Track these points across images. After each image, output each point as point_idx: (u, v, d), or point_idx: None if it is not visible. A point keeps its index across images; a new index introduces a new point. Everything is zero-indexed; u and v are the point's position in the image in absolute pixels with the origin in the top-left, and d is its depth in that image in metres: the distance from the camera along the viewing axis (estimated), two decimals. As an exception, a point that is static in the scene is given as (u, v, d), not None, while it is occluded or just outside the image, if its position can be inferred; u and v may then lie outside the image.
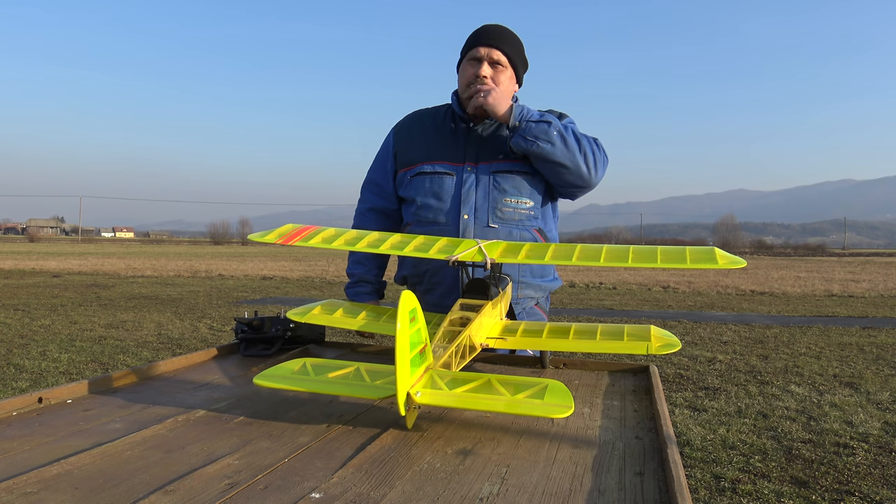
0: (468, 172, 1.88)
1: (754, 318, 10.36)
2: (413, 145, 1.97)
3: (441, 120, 1.98)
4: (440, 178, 1.90)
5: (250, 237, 1.57)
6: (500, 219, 1.86)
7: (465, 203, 1.86)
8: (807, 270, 24.58)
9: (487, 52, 1.87)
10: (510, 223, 1.87)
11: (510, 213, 1.87)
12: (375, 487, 0.82)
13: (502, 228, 1.86)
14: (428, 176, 1.91)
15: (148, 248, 56.62)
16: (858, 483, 3.34)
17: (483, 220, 1.85)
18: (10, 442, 0.96)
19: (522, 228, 1.88)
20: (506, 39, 1.90)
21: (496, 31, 1.91)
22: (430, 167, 1.91)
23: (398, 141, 2.02)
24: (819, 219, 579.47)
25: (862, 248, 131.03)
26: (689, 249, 1.30)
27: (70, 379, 5.47)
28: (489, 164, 1.88)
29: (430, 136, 1.96)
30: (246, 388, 1.31)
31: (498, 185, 1.87)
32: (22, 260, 26.65)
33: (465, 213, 1.86)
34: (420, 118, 2.03)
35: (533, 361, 1.59)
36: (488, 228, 1.85)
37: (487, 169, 1.88)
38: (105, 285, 15.03)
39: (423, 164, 1.92)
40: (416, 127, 2.01)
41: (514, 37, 1.93)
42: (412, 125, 2.02)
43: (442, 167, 1.90)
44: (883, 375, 5.99)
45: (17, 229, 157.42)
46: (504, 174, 1.87)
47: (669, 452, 0.91)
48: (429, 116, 2.02)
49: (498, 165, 1.88)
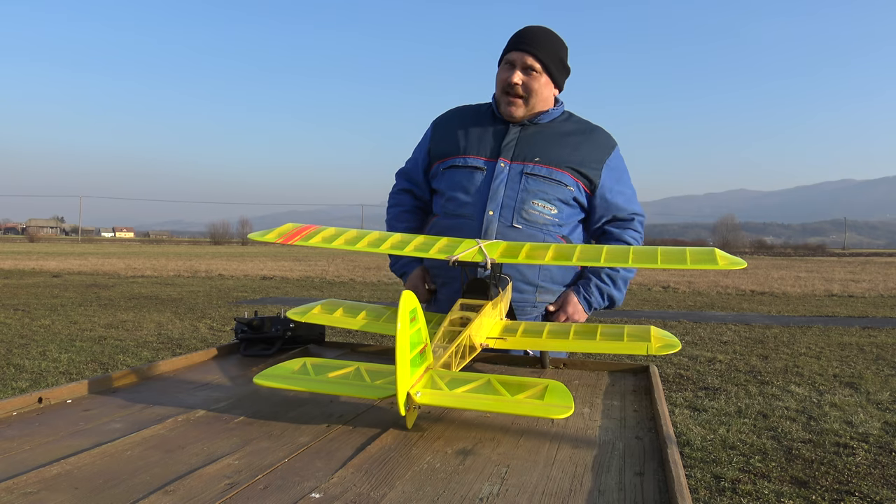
0: (500, 169, 1.86)
1: (754, 318, 10.36)
2: (449, 139, 1.96)
3: (481, 116, 1.98)
4: (471, 172, 1.88)
5: (250, 236, 1.57)
6: (526, 220, 1.83)
7: (492, 199, 1.84)
8: (807, 270, 24.58)
9: (520, 57, 1.85)
10: (534, 226, 1.84)
11: (536, 216, 1.84)
12: (375, 487, 0.82)
13: (525, 229, 1.83)
14: (459, 169, 1.90)
15: (148, 248, 56.63)
16: (858, 483, 3.34)
17: (508, 218, 1.83)
18: (10, 442, 0.96)
19: (546, 233, 1.85)
20: (542, 44, 1.86)
21: (533, 35, 1.88)
22: (463, 161, 1.90)
23: (435, 134, 2.02)
24: (819, 219, 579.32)
25: (862, 248, 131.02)
26: (690, 250, 1.30)
27: (70, 379, 5.47)
28: (523, 164, 1.86)
29: (467, 130, 1.95)
30: (246, 388, 1.31)
31: (528, 186, 1.84)
32: (22, 260, 26.65)
33: (491, 209, 1.83)
34: (460, 113, 2.03)
35: (533, 361, 1.59)
36: (512, 228, 1.82)
37: (521, 169, 1.85)
38: (105, 285, 15.03)
39: (457, 158, 1.92)
40: (455, 121, 2.00)
41: (552, 42, 1.89)
42: (451, 119, 2.02)
43: (474, 161, 1.89)
44: (883, 375, 5.99)
45: (17, 229, 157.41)
46: (536, 178, 1.85)
47: (669, 452, 0.91)
48: (469, 112, 2.01)
49: (532, 168, 1.85)
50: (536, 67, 1.86)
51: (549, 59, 1.88)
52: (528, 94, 1.87)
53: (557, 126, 1.93)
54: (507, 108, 1.89)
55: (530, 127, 1.91)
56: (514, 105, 1.88)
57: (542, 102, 1.91)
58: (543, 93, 1.89)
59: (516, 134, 1.90)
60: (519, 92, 1.86)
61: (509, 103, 1.88)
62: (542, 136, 1.90)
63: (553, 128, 1.92)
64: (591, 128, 1.96)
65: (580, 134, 1.93)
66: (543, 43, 1.87)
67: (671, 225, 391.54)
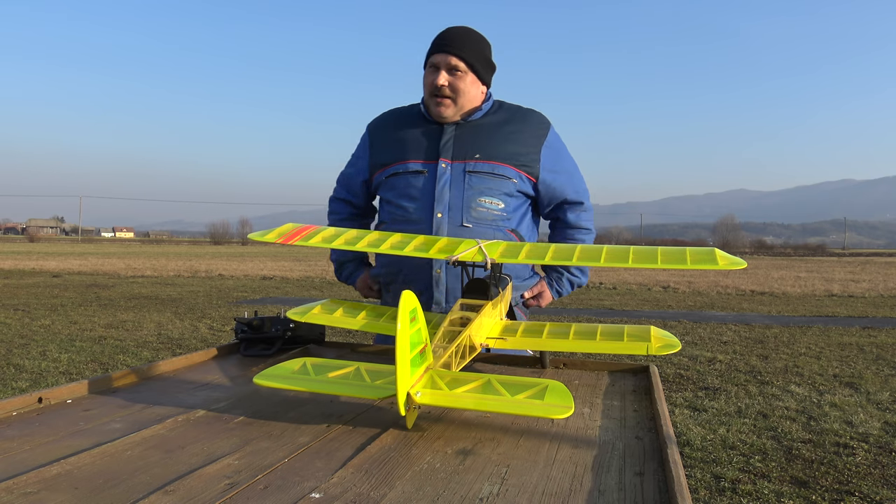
0: (442, 170, 1.87)
1: (754, 318, 10.36)
2: (387, 146, 1.97)
3: (414, 120, 1.98)
4: (415, 177, 1.90)
5: (250, 236, 1.57)
6: (475, 218, 1.85)
7: (438, 201, 1.85)
8: (807, 270, 24.58)
9: (444, 59, 1.88)
10: (483, 223, 1.86)
11: (484, 213, 1.86)
12: (375, 487, 0.82)
13: (475, 228, 1.85)
14: (402, 175, 1.91)
15: (148, 248, 56.63)
16: (858, 483, 3.34)
17: (457, 219, 1.85)
18: (10, 442, 0.96)
19: (496, 229, 1.88)
20: (464, 45, 1.89)
21: (455, 36, 1.90)
22: (404, 167, 1.91)
23: (373, 143, 2.02)
24: (819, 219, 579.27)
25: (862, 248, 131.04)
26: (690, 250, 1.30)
27: (70, 379, 5.47)
28: (464, 162, 1.88)
29: (403, 135, 1.96)
30: (246, 388, 1.31)
31: (472, 184, 1.86)
32: (22, 260, 26.65)
33: (439, 211, 1.85)
34: (394, 117, 2.03)
35: (533, 361, 1.59)
36: (462, 228, 1.84)
37: (462, 167, 1.87)
38: (105, 285, 15.03)
39: (397, 164, 1.93)
40: (391, 127, 2.01)
41: (474, 40, 1.92)
42: (387, 125, 2.03)
43: (415, 166, 1.90)
44: (883, 375, 5.99)
45: (17, 229, 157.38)
46: (479, 174, 1.87)
47: (669, 452, 0.90)
48: (402, 116, 2.02)
49: (473, 165, 1.87)
50: (461, 67, 1.88)
51: (474, 58, 1.90)
52: (456, 95, 1.89)
53: (490, 119, 1.95)
54: (436, 110, 1.90)
55: (465, 125, 1.93)
56: (444, 106, 1.89)
57: (471, 101, 1.93)
58: (471, 92, 1.91)
59: (452, 133, 1.92)
60: (446, 93, 1.88)
61: (438, 104, 1.89)
62: (477, 132, 1.92)
63: (487, 122, 1.94)
64: (524, 112, 1.99)
65: (514, 122, 1.95)
66: (466, 43, 1.89)
67: (671, 225, 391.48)
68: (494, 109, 1.98)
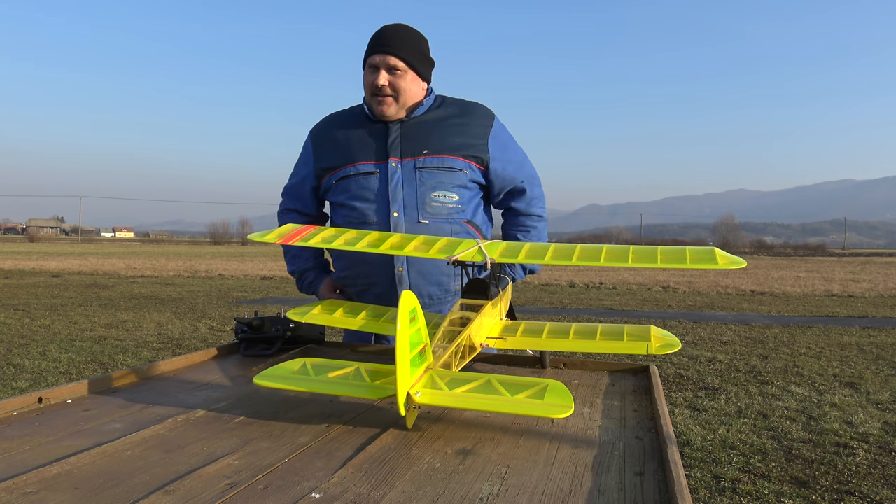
0: (393, 169, 1.88)
1: (754, 318, 10.36)
2: (333, 149, 1.97)
3: (358, 121, 1.98)
4: (366, 178, 1.89)
5: (250, 237, 1.57)
6: (430, 213, 1.87)
7: (393, 200, 1.86)
8: (807, 270, 24.58)
9: (383, 59, 1.88)
10: (439, 218, 1.87)
11: (438, 208, 1.87)
12: (375, 487, 0.82)
13: (432, 223, 1.86)
14: (353, 178, 1.91)
15: (148, 248, 56.63)
16: (858, 483, 3.34)
17: (413, 216, 1.86)
18: (10, 442, 0.96)
19: (452, 222, 1.89)
20: (401, 44, 1.89)
21: (391, 36, 1.90)
22: (354, 169, 1.91)
23: (317, 146, 2.01)
24: (819, 219, 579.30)
25: (862, 248, 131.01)
26: (689, 250, 1.30)
27: (70, 379, 5.47)
28: (413, 159, 1.88)
29: (349, 137, 1.95)
30: (246, 388, 1.31)
31: (424, 180, 1.87)
32: (22, 260, 26.65)
33: (395, 210, 1.85)
34: (337, 121, 2.02)
35: (533, 361, 1.59)
36: (419, 224, 1.85)
37: (412, 164, 1.88)
38: (105, 285, 15.03)
39: (347, 167, 1.92)
40: (335, 130, 2.00)
41: (411, 38, 1.92)
42: (330, 128, 2.01)
43: (366, 167, 1.90)
44: (883, 375, 5.99)
45: (17, 229, 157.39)
46: (429, 169, 1.88)
47: (669, 452, 0.90)
48: (345, 118, 2.01)
49: (422, 161, 1.88)
50: (400, 66, 1.88)
51: (412, 56, 1.90)
52: (397, 93, 1.89)
53: (434, 113, 1.95)
54: (378, 108, 1.90)
55: (409, 122, 1.93)
56: (385, 104, 1.89)
57: (412, 98, 1.93)
58: (412, 89, 1.92)
59: (398, 131, 1.92)
60: (387, 92, 1.88)
61: (380, 103, 1.90)
62: (423, 128, 1.92)
63: (431, 117, 1.95)
64: (467, 106, 2.00)
65: (459, 116, 1.96)
66: (403, 41, 1.90)
67: (671, 225, 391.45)
68: (437, 104, 1.98)
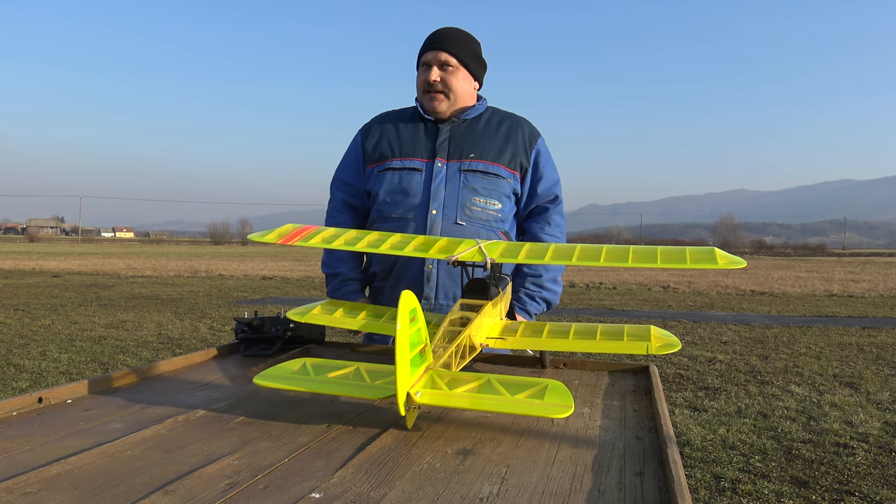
0: (438, 168, 1.89)
1: (754, 318, 10.36)
2: (382, 143, 1.98)
3: (409, 119, 2.00)
4: (409, 174, 1.90)
5: (250, 237, 1.57)
6: (469, 217, 1.87)
7: (434, 199, 1.87)
8: (807, 270, 24.58)
9: (435, 55, 1.91)
10: (478, 222, 1.88)
11: (478, 213, 1.88)
12: (375, 487, 0.82)
13: (469, 227, 1.87)
14: (397, 171, 1.92)
15: (148, 248, 56.62)
16: (858, 483, 3.34)
17: (451, 216, 1.86)
18: (10, 442, 0.96)
19: (489, 229, 1.90)
20: (454, 42, 1.91)
21: (444, 34, 1.93)
22: (399, 163, 1.92)
23: (366, 138, 2.02)
24: (819, 219, 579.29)
25: (862, 248, 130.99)
26: (689, 249, 1.30)
27: (70, 379, 5.47)
28: (460, 161, 1.90)
29: (399, 132, 1.97)
30: (246, 388, 1.31)
31: (468, 183, 1.88)
32: (22, 260, 26.64)
33: (434, 208, 1.86)
34: (388, 118, 2.04)
35: (533, 361, 1.59)
36: (456, 226, 1.86)
37: (458, 167, 1.89)
38: (105, 285, 15.03)
39: (393, 160, 1.93)
40: (385, 126, 2.02)
41: (464, 38, 1.95)
42: (381, 124, 2.03)
43: (412, 163, 1.91)
44: (883, 375, 5.99)
45: (17, 229, 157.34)
46: (475, 174, 1.89)
47: (669, 452, 0.90)
48: (397, 116, 2.03)
49: (469, 164, 1.89)
50: (452, 63, 1.91)
51: (464, 54, 1.92)
52: (449, 89, 1.91)
53: (485, 121, 1.97)
54: (430, 104, 1.92)
55: (460, 124, 1.95)
56: (437, 100, 1.92)
57: (464, 97, 1.95)
58: (463, 86, 1.94)
59: (448, 133, 1.93)
60: (439, 88, 1.91)
61: (432, 99, 1.92)
62: (473, 132, 1.94)
63: (481, 123, 1.96)
64: (517, 119, 2.02)
65: (508, 127, 1.98)
66: (456, 40, 1.92)
67: (671, 225, 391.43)
68: (489, 114, 2.00)
